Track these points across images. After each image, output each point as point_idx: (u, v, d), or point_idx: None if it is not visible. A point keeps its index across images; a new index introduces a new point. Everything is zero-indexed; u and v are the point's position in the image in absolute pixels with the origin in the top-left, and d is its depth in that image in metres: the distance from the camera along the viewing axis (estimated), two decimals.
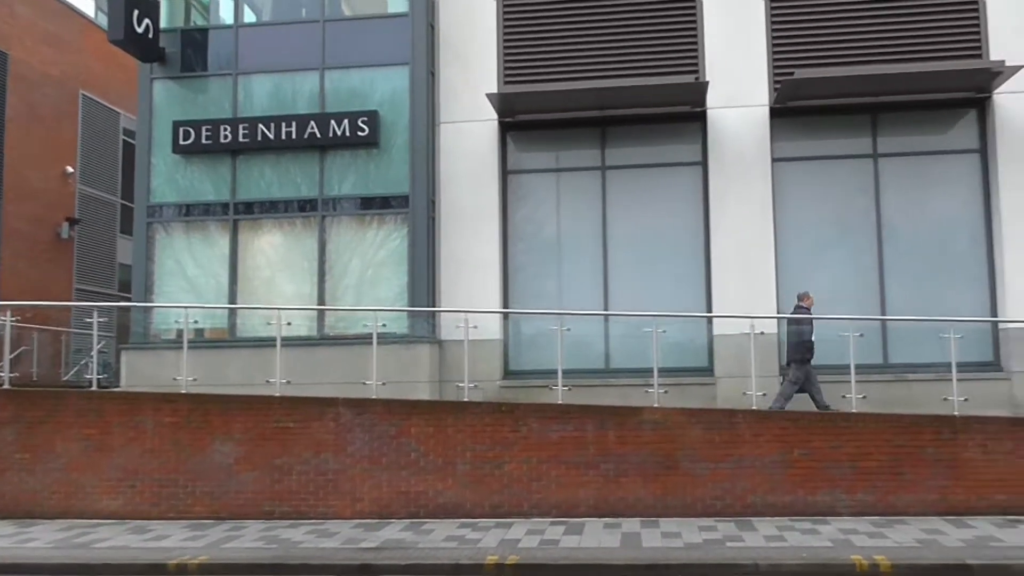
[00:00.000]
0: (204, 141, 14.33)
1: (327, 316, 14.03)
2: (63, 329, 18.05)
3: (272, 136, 14.18)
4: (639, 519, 10.71)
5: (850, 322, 11.83)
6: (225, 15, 15.31)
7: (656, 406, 11.19)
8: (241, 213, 14.46)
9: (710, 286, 13.67)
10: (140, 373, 13.70)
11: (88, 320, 12.66)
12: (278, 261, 14.51)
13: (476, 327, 12.12)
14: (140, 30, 14.27)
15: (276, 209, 14.49)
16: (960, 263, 13.60)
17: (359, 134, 14.04)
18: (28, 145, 19.45)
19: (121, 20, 13.99)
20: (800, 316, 12.40)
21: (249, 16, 15.42)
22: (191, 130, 14.38)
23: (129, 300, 15.96)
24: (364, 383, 11.67)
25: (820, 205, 13.91)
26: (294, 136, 14.14)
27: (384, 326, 12.57)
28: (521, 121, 14.39)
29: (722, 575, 8.52)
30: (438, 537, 9.96)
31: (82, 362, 17.35)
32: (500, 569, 8.74)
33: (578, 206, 14.41)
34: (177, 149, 14.48)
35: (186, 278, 14.51)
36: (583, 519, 10.78)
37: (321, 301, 14.06)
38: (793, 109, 13.78)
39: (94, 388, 12.35)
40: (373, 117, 14.05)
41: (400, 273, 13.98)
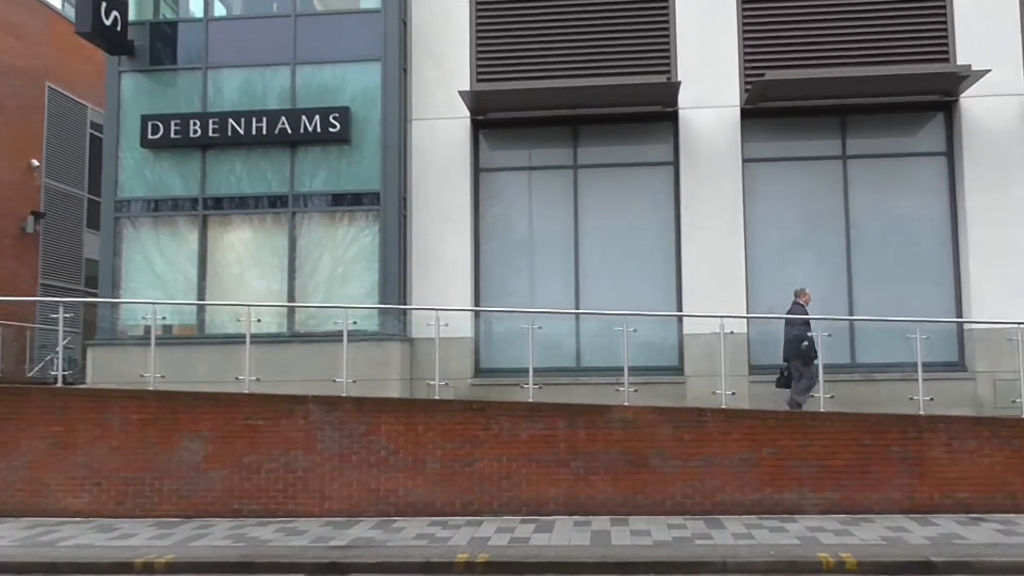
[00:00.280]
0: (173, 135, 14.19)
1: (297, 313, 13.95)
2: (28, 325, 17.79)
3: (242, 131, 14.07)
4: (609, 517, 10.75)
5: (819, 322, 11.96)
6: (195, 8, 15.17)
7: (626, 404, 11.23)
8: (210, 209, 14.34)
9: (680, 285, 13.74)
10: (107, 370, 13.54)
11: (53, 316, 12.51)
12: (248, 257, 14.39)
13: (447, 325, 12.12)
14: (108, 22, 14.11)
15: (246, 205, 14.38)
16: (926, 264, 13.78)
17: (330, 130, 13.96)
18: None
19: (89, 12, 13.82)
20: (789, 316, 12.43)
21: (219, 10, 15.30)
22: (160, 124, 14.22)
23: (96, 296, 15.78)
24: (334, 381, 11.61)
25: (790, 206, 14.03)
26: (265, 131, 14.04)
27: (355, 323, 12.51)
28: (493, 119, 14.39)
29: (691, 573, 8.57)
30: (408, 535, 9.94)
31: (47, 358, 17.13)
32: (470, 567, 8.74)
33: (550, 205, 14.43)
34: (145, 143, 14.32)
35: (154, 274, 14.35)
36: (553, 517, 10.80)
37: (291, 298, 13.98)
38: (764, 110, 13.89)
39: (59, 385, 12.18)
40: (345, 113, 13.98)
41: (371, 270, 13.92)
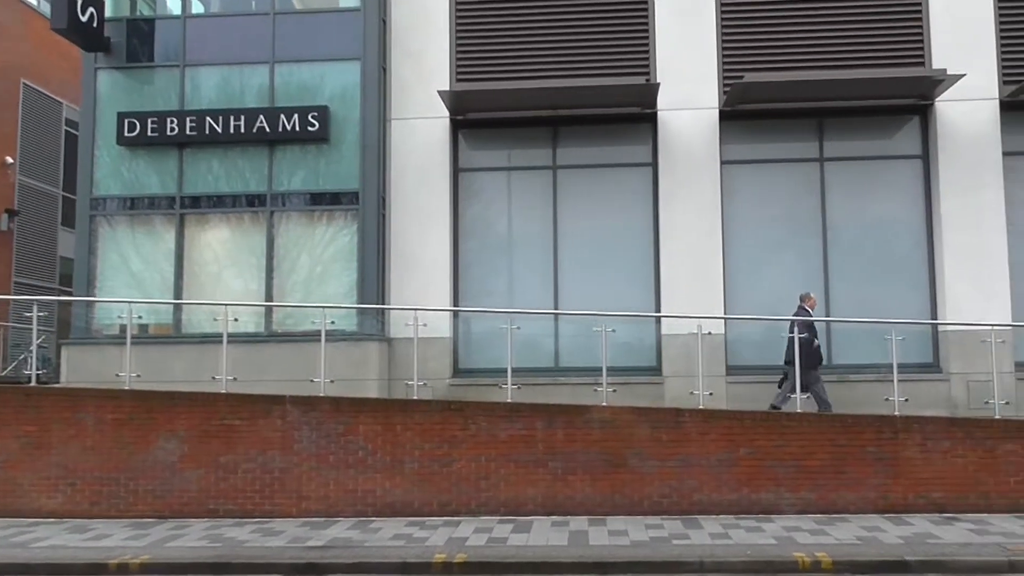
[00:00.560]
0: (150, 133, 14.08)
1: (275, 313, 13.87)
2: (1, 324, 17.61)
3: (220, 130, 13.98)
4: (587, 517, 10.77)
5: (798, 323, 12.02)
6: (172, 6, 15.06)
7: (605, 405, 11.25)
8: (188, 207, 14.23)
9: (659, 286, 13.78)
10: (81, 369, 13.41)
11: (27, 314, 12.40)
12: (225, 256, 14.30)
13: (426, 325, 12.11)
14: (84, 19, 13.96)
15: (223, 204, 14.28)
16: (902, 266, 13.89)
17: (309, 129, 13.90)
18: None
19: (64, 8, 13.66)
20: (789, 318, 12.44)
21: (197, 7, 15.17)
22: (136, 122, 14.11)
23: (70, 294, 15.63)
24: (312, 381, 11.55)
25: (767, 207, 14.11)
26: (243, 130, 13.96)
27: (333, 323, 12.47)
28: (473, 119, 14.37)
29: (668, 573, 8.59)
30: (385, 535, 9.91)
31: (21, 357, 17.00)
32: (448, 567, 8.73)
33: (529, 205, 14.44)
34: (122, 141, 14.20)
35: (130, 272, 14.23)
36: (531, 517, 10.80)
37: (269, 297, 13.90)
38: (742, 112, 13.96)
39: (33, 384, 12.06)
40: (323, 112, 13.92)
41: (349, 270, 13.87)
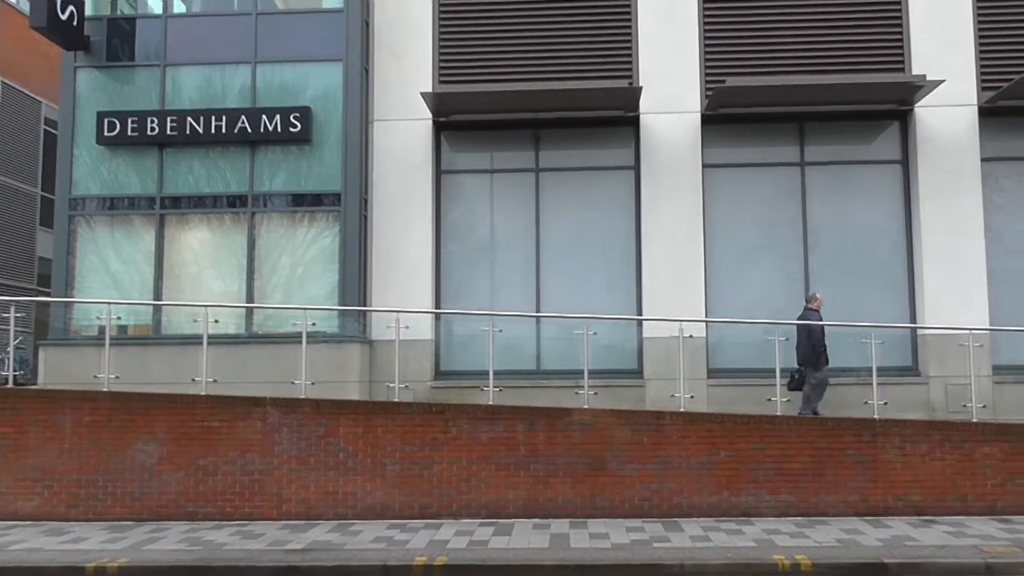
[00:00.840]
0: (130, 133, 13.98)
1: (256, 314, 13.80)
2: None
3: (201, 130, 13.90)
4: (568, 520, 10.77)
5: (777, 327, 12.08)
6: (154, 5, 14.96)
7: (586, 407, 11.26)
8: (168, 207, 14.14)
9: (641, 289, 13.81)
10: (59, 370, 13.30)
11: (4, 315, 12.25)
12: (206, 257, 14.21)
13: (407, 327, 12.07)
14: (64, 17, 13.85)
15: (204, 204, 14.20)
16: (881, 270, 13.98)
17: (291, 130, 13.85)
18: None
19: (44, 7, 13.53)
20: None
21: (179, 7, 15.08)
22: (116, 121, 14.01)
23: (48, 295, 15.49)
24: (293, 383, 11.51)
25: (749, 211, 14.17)
26: (224, 130, 13.88)
27: (314, 325, 12.43)
28: (456, 121, 14.36)
29: None
30: (366, 538, 9.88)
31: None
32: (428, 570, 8.72)
33: (511, 208, 14.43)
34: (101, 140, 14.09)
35: (109, 273, 14.12)
36: (512, 520, 10.80)
37: (250, 299, 13.82)
38: (724, 116, 14.02)
39: (10, 385, 11.94)
40: (305, 113, 13.87)
41: (331, 272, 13.83)
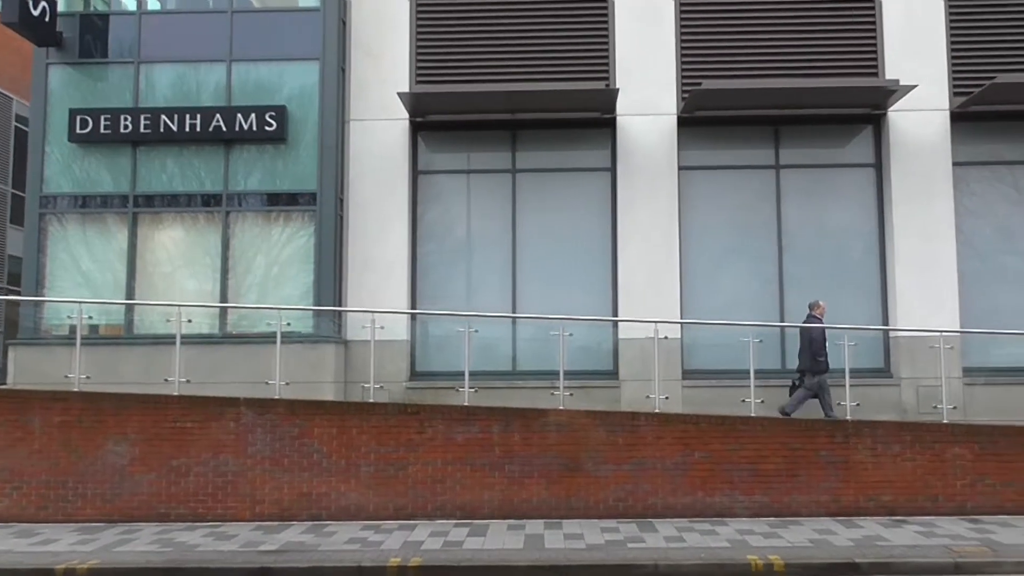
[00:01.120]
0: (103, 131, 13.83)
1: (230, 314, 13.69)
2: None
3: (175, 128, 13.78)
4: (543, 520, 10.79)
5: (752, 328, 12.16)
6: (127, 1, 14.81)
7: (561, 408, 11.28)
8: (141, 206, 14.01)
9: (617, 290, 13.83)
10: (29, 370, 13.13)
11: None
12: (179, 257, 14.09)
13: (383, 327, 12.04)
14: (36, 13, 13.68)
15: (178, 203, 14.08)
16: (855, 273, 14.09)
17: (266, 129, 13.76)
18: None
19: (16, 2, 13.34)
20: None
21: (153, 3, 14.94)
22: (89, 119, 13.86)
23: (19, 293, 15.31)
24: (267, 383, 11.45)
25: (724, 213, 14.23)
26: (199, 129, 13.77)
27: (289, 325, 12.36)
28: (432, 121, 14.33)
29: None
30: (340, 539, 9.84)
31: None
32: (403, 571, 8.70)
33: (488, 208, 14.42)
34: (74, 138, 13.93)
35: (80, 272, 13.97)
36: (487, 521, 10.80)
37: (224, 299, 13.72)
38: (700, 119, 14.08)
39: None
40: (281, 112, 13.79)
41: (306, 272, 13.75)
